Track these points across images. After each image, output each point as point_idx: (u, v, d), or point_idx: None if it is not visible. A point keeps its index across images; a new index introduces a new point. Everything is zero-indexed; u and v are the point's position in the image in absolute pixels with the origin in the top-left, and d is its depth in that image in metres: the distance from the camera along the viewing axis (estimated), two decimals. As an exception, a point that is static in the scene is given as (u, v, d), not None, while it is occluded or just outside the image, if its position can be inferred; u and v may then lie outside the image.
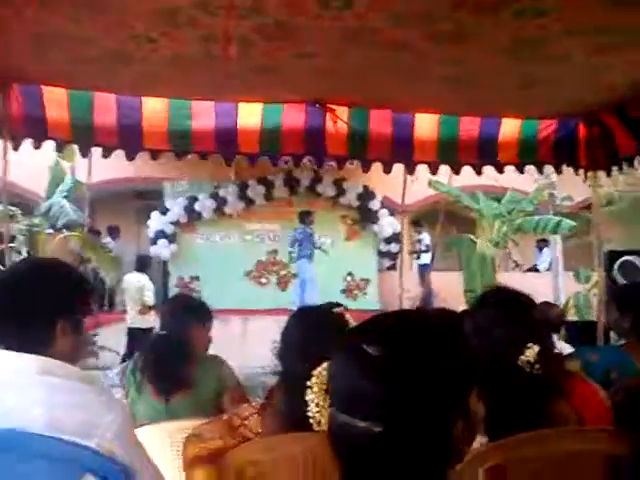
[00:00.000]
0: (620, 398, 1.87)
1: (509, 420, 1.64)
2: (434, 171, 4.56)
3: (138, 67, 3.33)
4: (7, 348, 1.55)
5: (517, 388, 1.67)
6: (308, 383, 1.35)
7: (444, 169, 4.58)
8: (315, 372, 1.32)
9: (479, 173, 4.57)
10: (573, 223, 9.89)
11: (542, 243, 12.83)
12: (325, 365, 1.24)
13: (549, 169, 5.03)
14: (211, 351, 2.82)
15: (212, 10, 2.58)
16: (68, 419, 1.45)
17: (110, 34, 2.89)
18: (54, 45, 3.05)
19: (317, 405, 1.35)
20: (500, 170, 4.55)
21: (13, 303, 1.59)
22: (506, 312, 1.87)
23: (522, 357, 1.68)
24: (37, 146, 3.94)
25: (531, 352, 1.68)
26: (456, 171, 4.59)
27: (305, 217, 10.91)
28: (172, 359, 2.56)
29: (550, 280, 11.72)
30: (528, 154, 4.41)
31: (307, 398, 1.37)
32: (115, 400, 1.63)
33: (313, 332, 1.70)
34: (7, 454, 1.42)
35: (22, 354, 1.52)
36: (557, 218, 9.67)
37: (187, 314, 2.73)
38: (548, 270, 12.43)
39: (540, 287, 10.36)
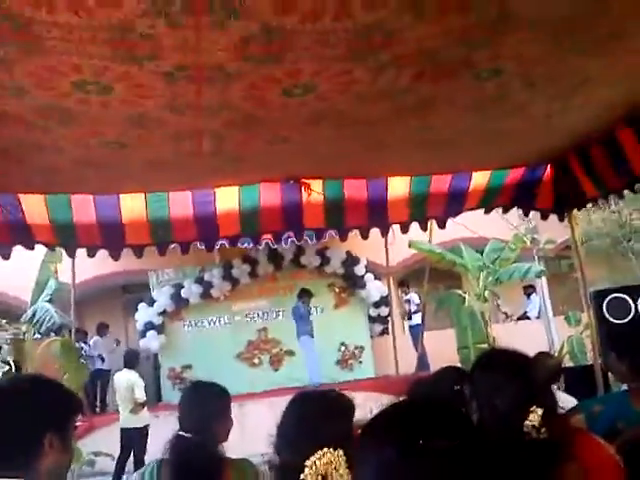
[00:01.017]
0: (629, 451, 1.81)
1: None
2: (405, 230, 4.66)
3: (111, 171, 3.37)
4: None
5: (524, 456, 1.62)
6: (302, 476, 1.29)
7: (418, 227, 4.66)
8: (308, 463, 1.28)
9: (442, 227, 4.72)
10: (541, 267, 10.05)
11: (529, 289, 12.80)
12: (318, 454, 1.20)
13: (534, 215, 5.13)
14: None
15: (181, 110, 2.62)
16: None
17: (81, 143, 2.93)
18: (25, 155, 3.08)
19: None
20: (454, 215, 4.66)
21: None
22: (504, 376, 1.82)
23: (527, 422, 1.64)
24: (30, 248, 3.95)
25: (535, 416, 1.64)
26: (425, 228, 4.78)
27: (303, 294, 10.97)
28: (205, 464, 2.27)
29: (542, 326, 11.68)
30: (488, 199, 4.54)
31: None
32: None
33: (307, 422, 1.63)
34: None
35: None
36: (527, 265, 9.74)
37: (208, 407, 2.45)
38: (538, 317, 12.40)
39: (533, 335, 10.33)
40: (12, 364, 8.63)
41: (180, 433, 2.38)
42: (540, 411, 1.64)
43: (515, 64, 2.66)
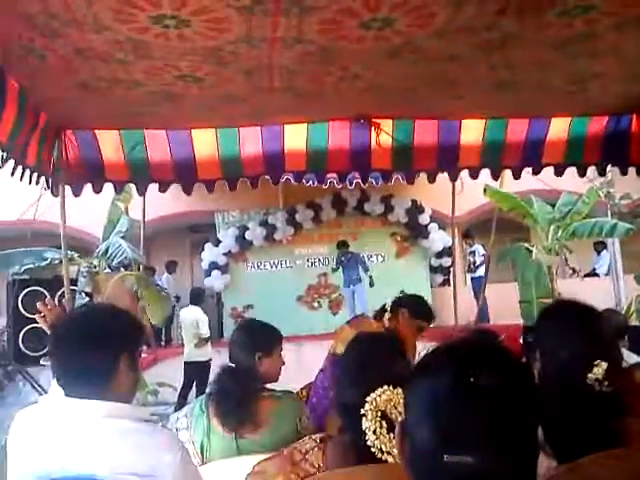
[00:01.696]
0: None
1: (578, 441, 1.56)
2: (474, 176, 4.46)
3: (185, 104, 3.41)
4: (77, 384, 1.60)
5: (586, 408, 1.59)
6: (362, 411, 1.32)
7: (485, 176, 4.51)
8: (369, 399, 1.31)
9: (517, 177, 4.46)
10: (630, 226, 9.50)
11: (600, 246, 12.41)
12: (379, 391, 1.22)
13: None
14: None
15: (255, 44, 2.61)
16: (130, 461, 1.51)
17: (157, 76, 2.96)
18: (103, 90, 3.15)
19: (374, 433, 1.32)
20: (537, 172, 4.41)
21: (82, 342, 1.65)
22: (570, 328, 1.79)
23: (590, 375, 1.60)
24: (97, 190, 4.05)
25: (599, 369, 1.60)
26: (497, 176, 4.58)
27: (341, 246, 11.08)
28: (238, 394, 2.38)
29: (610, 284, 11.33)
30: (575, 154, 4.28)
31: (363, 427, 1.34)
32: (174, 439, 1.66)
33: (368, 358, 1.65)
34: None
35: (88, 400, 1.59)
36: (613, 221, 9.32)
37: (255, 343, 2.58)
38: (607, 274, 12.02)
39: (600, 292, 10.04)
40: (88, 296, 9.08)
41: (227, 364, 2.54)
42: (605, 365, 1.60)
43: (607, 2, 2.50)
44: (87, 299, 8.92)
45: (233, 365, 2.56)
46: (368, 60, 2.93)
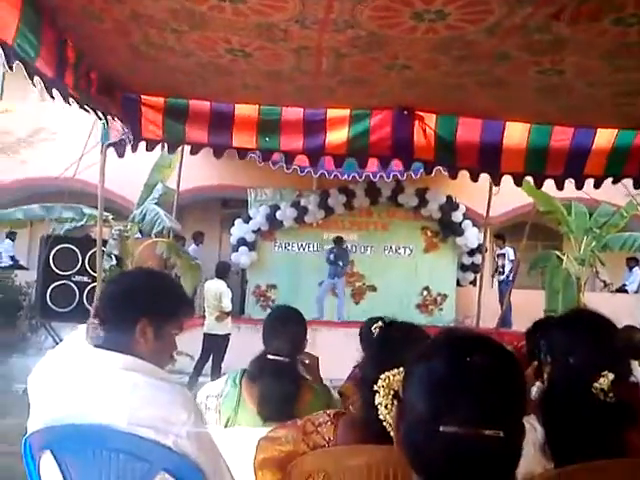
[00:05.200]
0: None
1: (577, 447, 1.59)
2: (519, 182, 4.39)
3: (233, 78, 3.45)
4: (104, 338, 1.67)
5: (588, 415, 1.61)
6: (375, 387, 1.38)
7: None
8: (382, 376, 1.35)
9: (560, 188, 4.36)
10: (662, 242, 9.34)
11: (632, 262, 12.21)
12: (394, 371, 1.28)
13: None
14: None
15: (307, 25, 2.63)
16: (148, 415, 1.53)
17: (208, 48, 3.01)
18: (153, 57, 3.21)
19: (386, 407, 1.36)
20: (580, 186, 4.31)
21: (110, 300, 1.72)
22: (584, 336, 1.81)
23: (596, 384, 1.62)
24: (134, 149, 4.15)
25: (605, 380, 1.62)
26: (540, 185, 4.44)
27: (337, 241, 11.58)
28: (285, 390, 2.43)
29: (638, 303, 11.14)
30: (616, 166, 4.19)
31: (376, 402, 1.39)
32: (190, 400, 1.67)
33: (394, 346, 1.71)
34: (91, 447, 1.51)
35: (109, 351, 1.63)
36: (645, 235, 9.18)
37: (295, 333, 2.64)
38: (637, 292, 11.82)
39: (626, 309, 9.87)
40: (116, 259, 9.25)
41: (270, 355, 2.53)
42: (611, 376, 1.62)
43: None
44: (115, 262, 9.07)
45: (278, 357, 2.55)
46: (417, 52, 2.92)
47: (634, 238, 9.11)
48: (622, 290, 12.41)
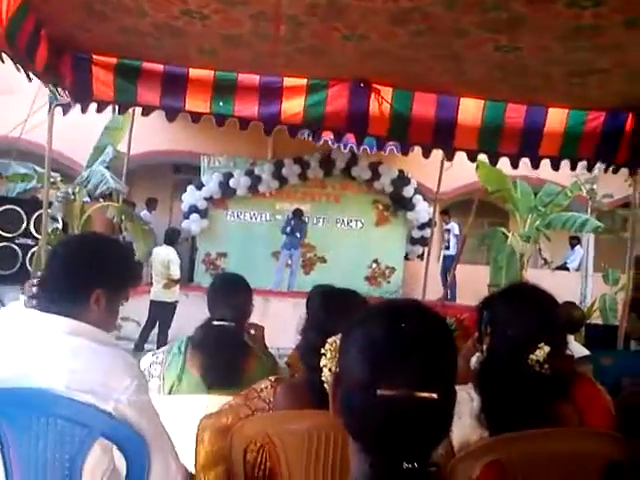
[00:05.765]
0: (625, 405, 1.86)
1: (511, 416, 1.67)
2: (473, 158, 4.46)
3: (188, 41, 3.39)
4: (51, 304, 1.62)
5: (523, 386, 1.69)
6: (322, 350, 1.43)
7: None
8: (330, 340, 1.41)
9: (515, 166, 4.45)
10: (598, 223, 9.66)
11: (574, 241, 12.59)
12: (339, 336, 1.32)
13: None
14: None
15: (266, -13, 2.60)
16: (87, 380, 1.49)
17: (164, 8, 2.93)
18: (107, 16, 3.12)
19: (330, 370, 1.42)
20: (536, 165, 4.40)
21: (60, 270, 1.67)
22: (523, 309, 1.87)
23: (532, 356, 1.70)
24: (84, 110, 4.02)
25: (541, 352, 1.69)
26: (494, 162, 4.54)
27: (297, 213, 11.54)
28: (229, 356, 2.42)
29: (578, 280, 11.56)
30: (570, 148, 4.29)
31: (321, 364, 1.45)
32: (133, 366, 1.64)
33: (337, 312, 1.77)
34: (28, 412, 1.48)
35: (53, 315, 1.58)
36: (585, 217, 9.47)
37: (240, 299, 2.63)
38: (578, 270, 12.25)
39: (567, 286, 10.24)
40: (61, 222, 8.98)
41: (214, 321, 2.51)
42: (547, 349, 1.69)
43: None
44: (57, 226, 8.81)
45: (223, 323, 2.52)
46: (375, 22, 2.93)
47: (574, 218, 9.40)
48: (564, 267, 12.85)
